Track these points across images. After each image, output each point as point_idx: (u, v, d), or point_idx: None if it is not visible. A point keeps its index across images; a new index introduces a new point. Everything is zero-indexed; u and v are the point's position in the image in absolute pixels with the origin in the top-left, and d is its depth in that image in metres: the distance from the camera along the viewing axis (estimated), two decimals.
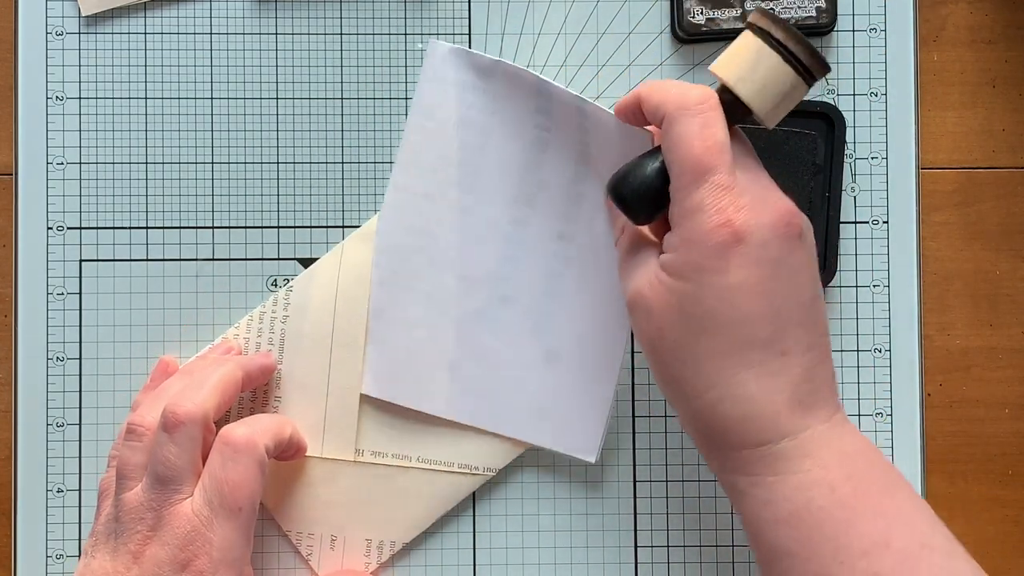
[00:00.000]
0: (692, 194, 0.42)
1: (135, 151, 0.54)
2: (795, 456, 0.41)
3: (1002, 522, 0.55)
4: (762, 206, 0.42)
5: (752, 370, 0.41)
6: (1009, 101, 0.56)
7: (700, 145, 0.42)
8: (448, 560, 0.54)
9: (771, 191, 0.43)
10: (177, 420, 0.47)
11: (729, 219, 0.41)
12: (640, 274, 0.44)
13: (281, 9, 0.54)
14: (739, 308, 0.41)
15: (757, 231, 0.41)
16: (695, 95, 0.43)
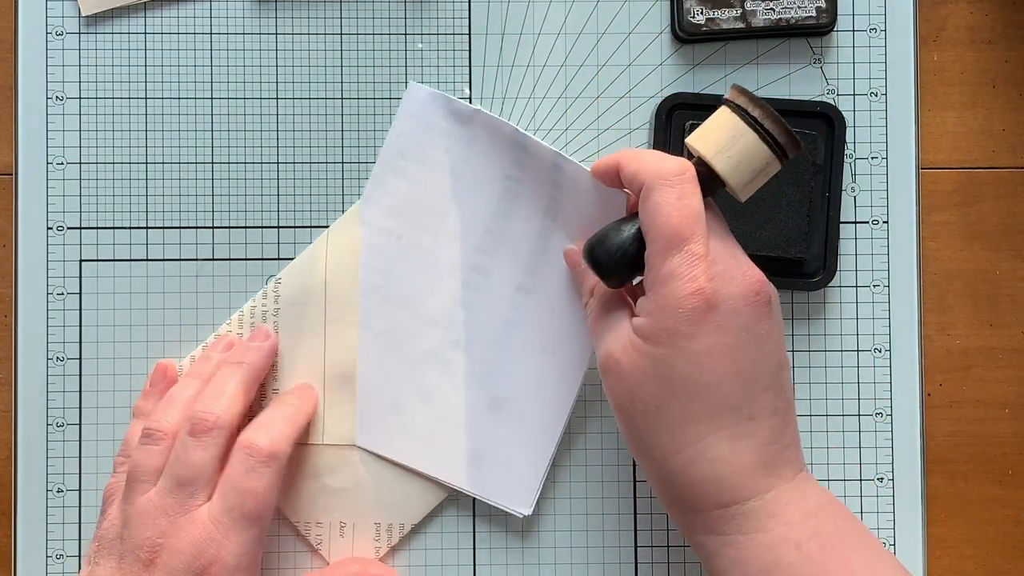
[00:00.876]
0: (667, 261, 0.43)
1: (135, 151, 0.54)
2: (763, 515, 0.43)
3: (1002, 522, 0.55)
4: (734, 275, 0.43)
5: (722, 433, 0.43)
6: (1009, 101, 0.56)
7: (677, 215, 0.43)
8: (448, 560, 0.54)
9: (742, 261, 0.44)
10: (207, 426, 0.47)
11: (702, 287, 0.42)
12: (613, 338, 0.45)
13: (281, 9, 0.54)
14: (710, 373, 0.43)
15: (729, 299, 0.43)
16: (673, 166, 0.44)
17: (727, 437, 0.43)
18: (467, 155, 0.53)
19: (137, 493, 0.47)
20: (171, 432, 0.48)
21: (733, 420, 0.43)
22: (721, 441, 0.43)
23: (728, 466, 0.43)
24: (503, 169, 0.53)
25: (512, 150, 0.53)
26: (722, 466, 0.43)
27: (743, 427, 0.43)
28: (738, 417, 0.43)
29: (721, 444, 0.43)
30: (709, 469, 0.43)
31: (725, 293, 0.43)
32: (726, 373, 0.43)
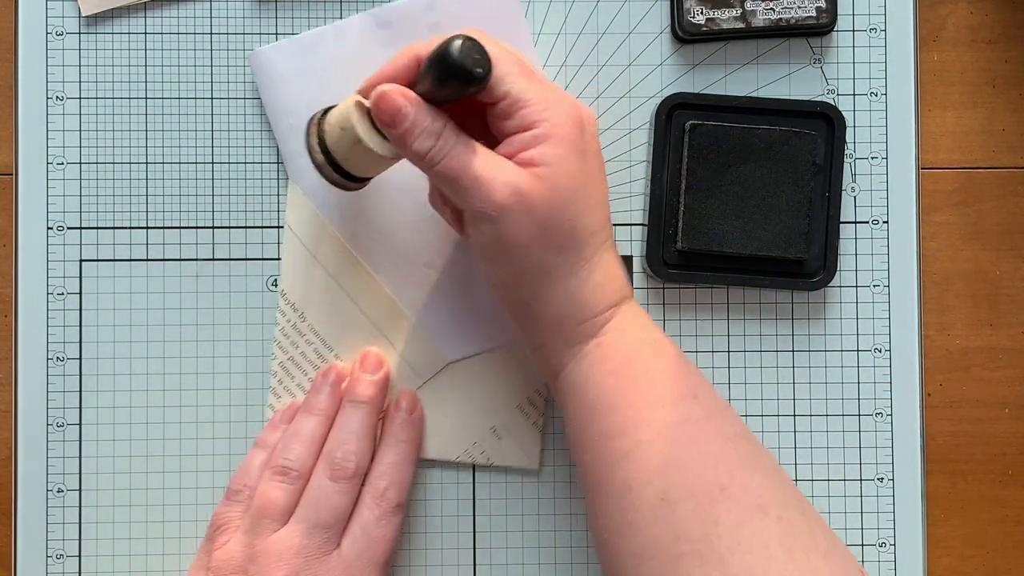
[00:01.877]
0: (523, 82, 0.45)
1: (135, 151, 0.54)
2: (629, 315, 0.47)
3: (1002, 522, 0.55)
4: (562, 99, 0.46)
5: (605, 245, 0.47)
6: (1009, 101, 0.56)
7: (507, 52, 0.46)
8: (448, 560, 0.54)
9: None
10: (349, 473, 0.49)
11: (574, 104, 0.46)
12: (510, 172, 0.44)
13: (281, 9, 0.54)
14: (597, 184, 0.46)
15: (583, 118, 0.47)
16: None
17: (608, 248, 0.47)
18: (343, 74, 0.53)
19: (267, 530, 0.48)
20: (306, 472, 0.49)
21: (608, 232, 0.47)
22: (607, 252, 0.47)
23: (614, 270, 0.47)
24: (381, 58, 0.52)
25: (376, 32, 0.53)
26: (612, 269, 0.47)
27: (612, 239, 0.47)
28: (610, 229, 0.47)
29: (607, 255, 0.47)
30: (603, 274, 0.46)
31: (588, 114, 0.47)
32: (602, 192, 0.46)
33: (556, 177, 0.44)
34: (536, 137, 0.44)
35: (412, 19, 0.53)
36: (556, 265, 0.45)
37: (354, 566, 0.48)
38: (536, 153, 0.44)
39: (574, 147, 0.45)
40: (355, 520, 0.49)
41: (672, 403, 0.44)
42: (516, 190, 0.44)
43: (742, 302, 0.54)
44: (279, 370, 0.54)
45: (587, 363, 0.46)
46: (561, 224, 0.45)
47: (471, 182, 0.44)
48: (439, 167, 0.44)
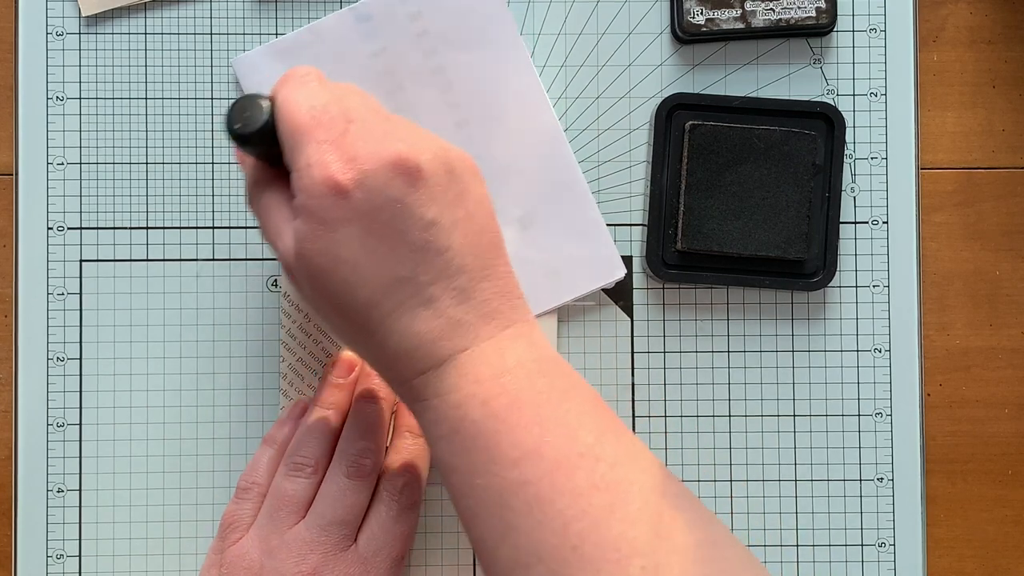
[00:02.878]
0: (300, 155, 0.42)
1: (135, 151, 0.54)
2: (453, 375, 0.42)
3: (1002, 522, 0.55)
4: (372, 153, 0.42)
5: (401, 308, 0.42)
6: (1009, 101, 0.56)
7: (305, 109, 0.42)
8: (448, 560, 0.54)
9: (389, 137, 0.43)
10: (366, 471, 0.49)
11: (331, 174, 0.41)
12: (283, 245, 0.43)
13: (281, 9, 0.54)
14: (372, 254, 0.42)
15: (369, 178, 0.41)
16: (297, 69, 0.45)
17: (408, 309, 0.42)
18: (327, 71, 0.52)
19: (284, 523, 0.48)
20: (322, 467, 0.50)
21: (409, 291, 0.42)
22: (403, 315, 0.42)
23: (415, 336, 0.42)
24: (363, 53, 0.53)
25: (356, 27, 0.53)
26: (410, 336, 0.42)
27: (421, 296, 0.42)
28: (413, 287, 0.42)
29: (403, 317, 0.42)
30: (400, 343, 0.42)
31: (363, 173, 0.41)
32: (387, 253, 0.42)
33: (308, 254, 0.42)
34: (294, 209, 0.43)
35: (391, 11, 0.53)
36: (344, 331, 0.44)
37: (371, 562, 0.48)
38: (295, 226, 0.42)
39: (324, 220, 0.41)
40: (372, 516, 0.49)
41: (507, 466, 0.41)
42: (285, 263, 0.43)
43: (742, 302, 0.54)
44: (288, 372, 0.54)
45: (423, 424, 0.44)
46: (328, 301, 0.43)
47: (266, 239, 0.45)
48: (253, 213, 0.46)
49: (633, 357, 0.54)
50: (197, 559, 0.53)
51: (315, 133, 0.42)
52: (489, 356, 0.42)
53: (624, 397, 0.54)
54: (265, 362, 0.54)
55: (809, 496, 0.54)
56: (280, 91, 0.43)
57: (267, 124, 0.43)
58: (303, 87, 0.43)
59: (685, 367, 0.54)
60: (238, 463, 0.54)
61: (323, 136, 0.42)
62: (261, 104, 0.43)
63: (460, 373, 0.42)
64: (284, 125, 0.42)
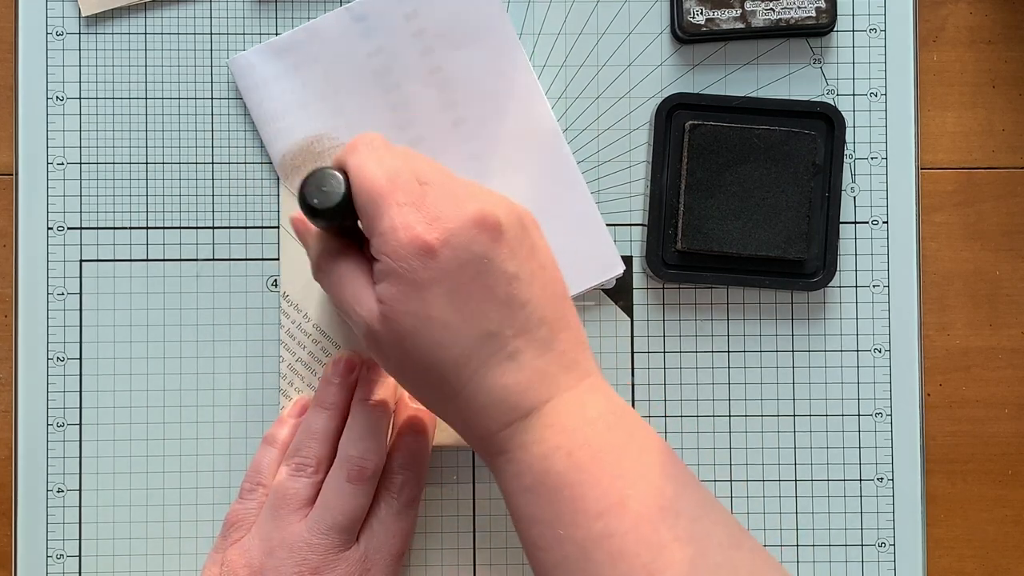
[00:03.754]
0: (380, 221, 0.43)
1: (135, 151, 0.54)
2: (538, 427, 0.43)
3: (1002, 522, 0.55)
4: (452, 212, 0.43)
5: (490, 361, 0.43)
6: (1009, 101, 0.56)
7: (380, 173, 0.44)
8: (448, 560, 0.54)
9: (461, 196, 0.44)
10: (367, 474, 0.49)
11: (418, 233, 0.42)
12: (364, 311, 0.44)
13: (281, 9, 0.54)
14: (459, 313, 0.42)
15: (453, 237, 0.42)
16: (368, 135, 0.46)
17: (496, 363, 0.43)
18: (322, 71, 0.53)
19: (286, 521, 0.48)
20: (323, 467, 0.50)
21: (497, 346, 0.43)
22: (491, 369, 0.43)
23: (503, 389, 0.43)
24: (360, 53, 0.53)
25: (353, 26, 0.53)
26: (498, 390, 0.43)
27: (507, 349, 0.43)
28: (500, 342, 0.43)
29: (492, 372, 0.43)
30: (488, 397, 0.43)
31: (448, 231, 0.42)
32: (475, 309, 0.42)
33: (396, 316, 0.43)
34: (377, 273, 0.43)
35: (388, 11, 0.53)
36: (430, 391, 0.45)
37: (372, 560, 0.49)
38: (379, 290, 0.43)
39: (413, 281, 0.42)
40: (373, 515, 0.50)
41: (591, 519, 0.41)
42: (367, 328, 0.44)
43: (742, 302, 0.54)
44: (288, 372, 0.54)
45: (504, 477, 0.44)
46: (415, 362, 0.43)
47: (341, 310, 0.46)
48: (323, 287, 0.47)
49: (633, 357, 0.54)
50: (197, 559, 0.53)
51: (395, 197, 0.43)
52: (572, 407, 0.43)
53: (624, 397, 0.54)
54: (265, 362, 0.54)
55: (809, 496, 0.54)
56: (351, 160, 0.44)
57: (345, 196, 0.44)
58: (374, 153, 0.44)
59: (685, 367, 0.54)
60: (238, 463, 0.54)
61: (403, 199, 0.43)
62: (337, 176, 0.44)
63: (545, 424, 0.43)
64: (362, 193, 0.43)
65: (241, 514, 0.50)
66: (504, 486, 0.44)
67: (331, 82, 0.53)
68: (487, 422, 0.43)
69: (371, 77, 0.53)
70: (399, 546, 0.50)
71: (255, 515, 0.50)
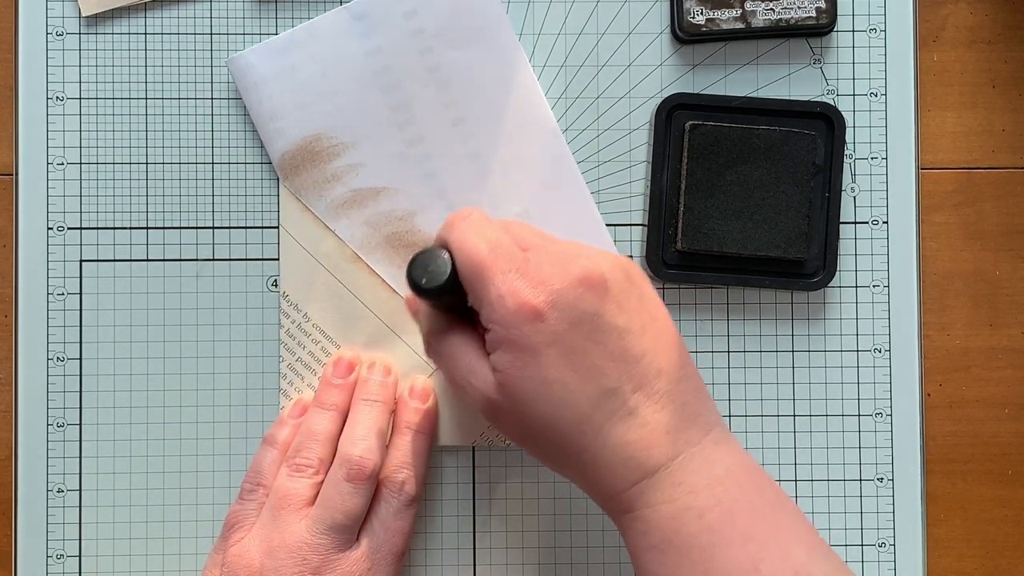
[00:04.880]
0: (487, 291, 0.43)
1: (135, 151, 0.54)
2: (667, 485, 0.42)
3: (1002, 522, 0.55)
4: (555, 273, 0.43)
5: (613, 419, 0.43)
6: (1009, 101, 0.56)
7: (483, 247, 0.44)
8: (448, 560, 0.54)
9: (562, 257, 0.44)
10: (366, 474, 0.49)
11: (526, 299, 0.42)
12: (479, 381, 0.44)
13: (281, 9, 0.54)
14: (574, 375, 0.42)
15: (560, 298, 0.42)
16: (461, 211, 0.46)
17: (619, 419, 0.42)
18: (321, 70, 0.53)
19: (286, 521, 0.48)
20: (323, 467, 0.50)
21: (617, 402, 0.42)
22: (614, 426, 0.42)
23: (627, 446, 0.42)
24: (359, 52, 0.52)
25: (352, 25, 0.53)
26: (623, 447, 0.42)
27: (628, 405, 0.43)
28: (620, 398, 0.42)
29: (615, 429, 0.42)
30: (613, 456, 0.43)
31: (554, 293, 0.42)
32: (591, 367, 0.42)
33: (514, 383, 0.43)
34: (490, 343, 0.44)
35: (387, 10, 0.53)
36: (552, 455, 0.44)
37: (373, 559, 0.49)
38: (494, 359, 0.43)
39: (526, 346, 0.42)
40: (373, 514, 0.50)
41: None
42: (485, 399, 0.44)
43: (742, 302, 0.54)
44: (288, 372, 0.54)
45: (631, 534, 0.44)
46: (537, 426, 0.43)
47: (455, 385, 0.46)
48: (437, 365, 0.47)
49: None
50: (197, 559, 0.53)
51: (498, 265, 0.43)
52: (700, 464, 0.43)
53: None
54: (265, 362, 0.54)
55: (809, 496, 0.54)
56: (452, 235, 0.45)
57: (452, 273, 0.44)
58: (473, 227, 0.44)
59: None
60: (238, 463, 0.54)
61: (506, 267, 0.43)
62: (442, 255, 0.44)
63: (674, 483, 0.42)
64: (466, 266, 0.44)
65: (241, 515, 0.50)
66: (631, 543, 0.44)
67: (330, 81, 0.53)
68: (613, 481, 0.43)
69: (370, 76, 0.53)
70: (400, 545, 0.50)
71: (255, 516, 0.50)
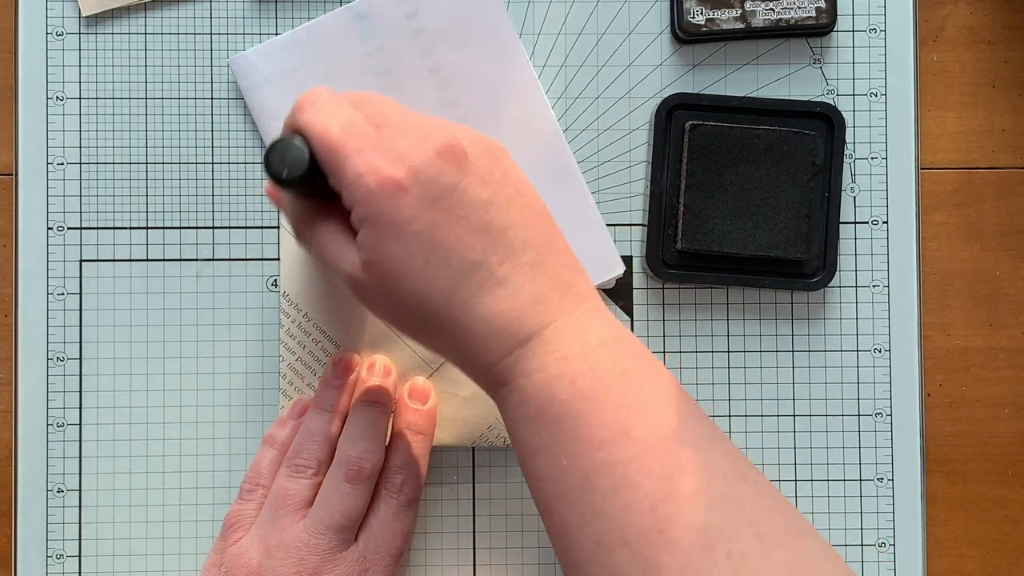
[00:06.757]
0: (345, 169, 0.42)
1: (135, 151, 0.54)
2: (539, 354, 0.42)
3: (1002, 522, 0.55)
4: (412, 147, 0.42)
5: (480, 291, 0.42)
6: (1009, 101, 0.56)
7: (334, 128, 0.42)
8: (448, 560, 0.54)
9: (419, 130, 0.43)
10: (365, 475, 0.49)
11: (388, 174, 0.41)
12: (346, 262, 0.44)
13: (281, 9, 0.54)
14: (437, 250, 0.42)
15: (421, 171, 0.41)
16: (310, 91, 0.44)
17: (486, 291, 0.42)
18: (323, 70, 0.53)
19: (284, 525, 0.48)
20: (322, 468, 0.50)
21: (483, 274, 0.42)
22: (483, 298, 0.42)
23: (498, 316, 0.42)
24: (360, 52, 0.52)
25: (353, 25, 0.53)
26: (492, 318, 0.42)
27: (495, 276, 0.42)
28: (486, 270, 0.42)
29: (483, 301, 0.42)
30: (483, 328, 0.42)
31: (414, 167, 0.41)
32: (455, 241, 0.42)
33: (379, 261, 0.42)
34: (354, 222, 0.43)
35: (388, 10, 0.53)
36: (424, 331, 0.44)
37: (371, 560, 0.49)
38: (360, 239, 0.43)
39: (389, 223, 0.41)
40: (372, 515, 0.50)
41: (595, 448, 0.40)
42: (354, 280, 0.43)
43: (742, 302, 0.54)
44: (288, 372, 0.54)
45: (507, 407, 0.43)
46: (406, 303, 0.42)
47: (327, 269, 0.45)
48: (308, 252, 0.46)
49: None
50: (197, 559, 0.53)
51: (353, 144, 0.42)
52: (571, 333, 0.42)
53: None
54: (265, 362, 0.54)
55: (809, 496, 0.54)
56: (301, 120, 0.43)
57: (311, 160, 0.43)
58: (322, 109, 0.43)
59: (685, 367, 0.54)
60: (238, 463, 0.54)
61: (362, 145, 0.42)
62: (296, 144, 0.43)
63: (546, 351, 0.42)
64: (321, 150, 0.42)
65: (240, 515, 0.50)
66: (507, 417, 0.43)
67: (332, 81, 0.53)
68: (487, 353, 0.42)
69: (371, 77, 0.53)
70: (398, 546, 0.50)
71: (254, 516, 0.50)
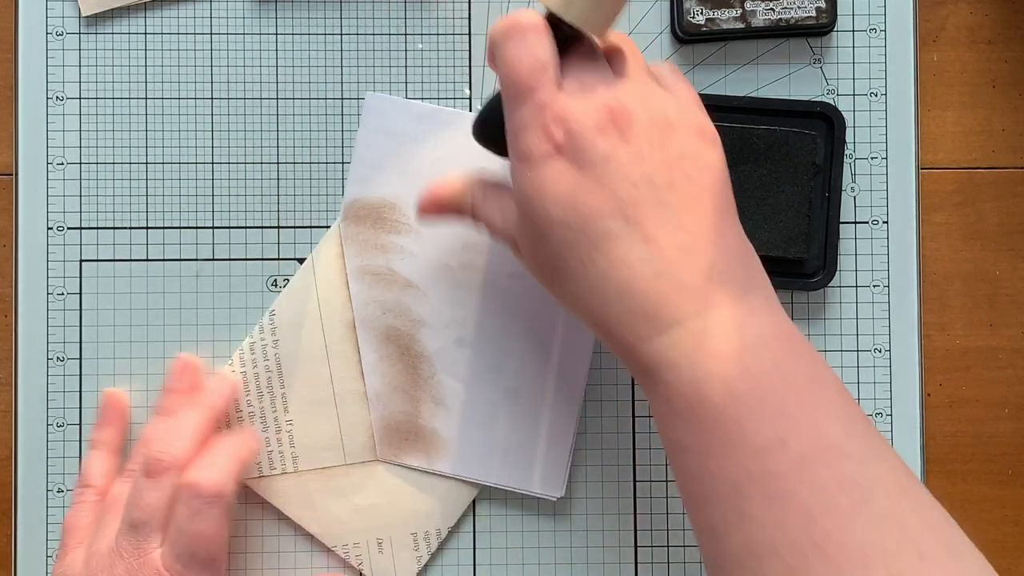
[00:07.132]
0: (516, 114, 0.42)
1: (135, 151, 0.54)
2: (686, 347, 0.39)
3: (1002, 522, 0.55)
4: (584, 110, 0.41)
5: (616, 265, 0.40)
6: (1009, 101, 0.56)
7: (523, 65, 0.41)
8: (448, 560, 0.54)
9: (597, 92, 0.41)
10: (162, 467, 0.47)
11: (551, 133, 0.40)
12: (500, 217, 0.44)
13: (281, 9, 0.54)
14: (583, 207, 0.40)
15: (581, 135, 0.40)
16: (518, 18, 0.42)
17: (624, 267, 0.40)
18: (436, 155, 0.53)
19: (106, 530, 0.48)
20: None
21: (621, 250, 0.40)
22: (619, 272, 0.40)
23: (635, 295, 0.40)
24: (472, 161, 0.52)
25: None
26: (628, 297, 0.40)
27: (634, 253, 0.40)
28: (625, 244, 0.40)
29: (619, 275, 0.40)
30: (619, 305, 0.40)
31: (576, 130, 0.40)
32: (592, 209, 0.40)
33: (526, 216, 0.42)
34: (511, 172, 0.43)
35: None
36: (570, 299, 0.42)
37: (174, 567, 0.46)
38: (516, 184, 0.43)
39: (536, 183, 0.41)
40: (171, 518, 0.47)
41: (748, 455, 0.38)
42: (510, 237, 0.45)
43: None
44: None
45: (653, 396, 0.41)
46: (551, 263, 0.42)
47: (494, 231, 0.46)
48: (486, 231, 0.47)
49: None
50: None
51: (530, 90, 0.41)
52: (726, 329, 0.39)
53: (624, 397, 0.54)
54: None
55: None
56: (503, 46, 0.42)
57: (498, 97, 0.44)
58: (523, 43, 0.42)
59: None
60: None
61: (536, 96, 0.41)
62: None
63: (694, 345, 0.39)
64: (506, 81, 0.42)
65: (71, 523, 0.50)
66: (654, 409, 0.41)
67: (436, 170, 0.53)
68: (625, 332, 0.40)
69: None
70: (206, 550, 0.46)
71: (86, 521, 0.49)
